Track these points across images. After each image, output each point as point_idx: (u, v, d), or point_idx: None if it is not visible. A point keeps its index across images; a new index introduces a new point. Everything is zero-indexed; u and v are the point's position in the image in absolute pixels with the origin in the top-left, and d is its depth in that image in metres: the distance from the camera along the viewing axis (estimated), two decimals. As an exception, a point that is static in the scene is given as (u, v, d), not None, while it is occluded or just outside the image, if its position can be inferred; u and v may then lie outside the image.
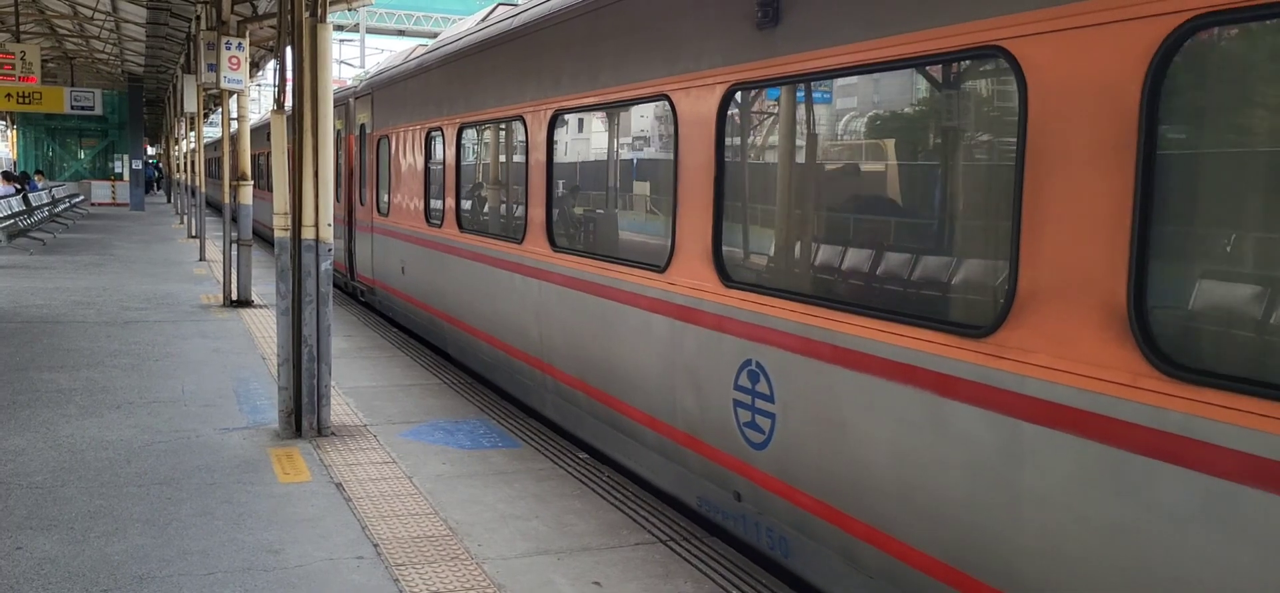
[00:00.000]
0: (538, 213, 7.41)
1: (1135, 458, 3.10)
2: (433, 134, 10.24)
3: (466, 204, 9.49)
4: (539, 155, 7.39)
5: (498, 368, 8.66)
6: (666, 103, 5.68)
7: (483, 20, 9.80)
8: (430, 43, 12.34)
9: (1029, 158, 3.47)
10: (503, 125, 8.53)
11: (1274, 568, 2.74)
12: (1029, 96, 3.46)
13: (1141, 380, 3.07)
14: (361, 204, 13.81)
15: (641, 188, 6.60)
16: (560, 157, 7.39)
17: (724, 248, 5.24)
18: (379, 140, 12.75)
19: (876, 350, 4.15)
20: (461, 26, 11.06)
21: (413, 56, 11.95)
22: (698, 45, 5.38)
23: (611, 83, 6.34)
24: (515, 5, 9.16)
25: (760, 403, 4.95)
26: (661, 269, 5.74)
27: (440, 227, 9.96)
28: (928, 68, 4.11)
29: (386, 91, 12.56)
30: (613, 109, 6.67)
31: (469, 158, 9.52)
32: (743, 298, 5.04)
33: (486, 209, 9.29)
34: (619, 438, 6.48)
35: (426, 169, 10.50)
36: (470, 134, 9.37)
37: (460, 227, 9.41)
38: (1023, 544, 3.50)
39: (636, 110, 6.40)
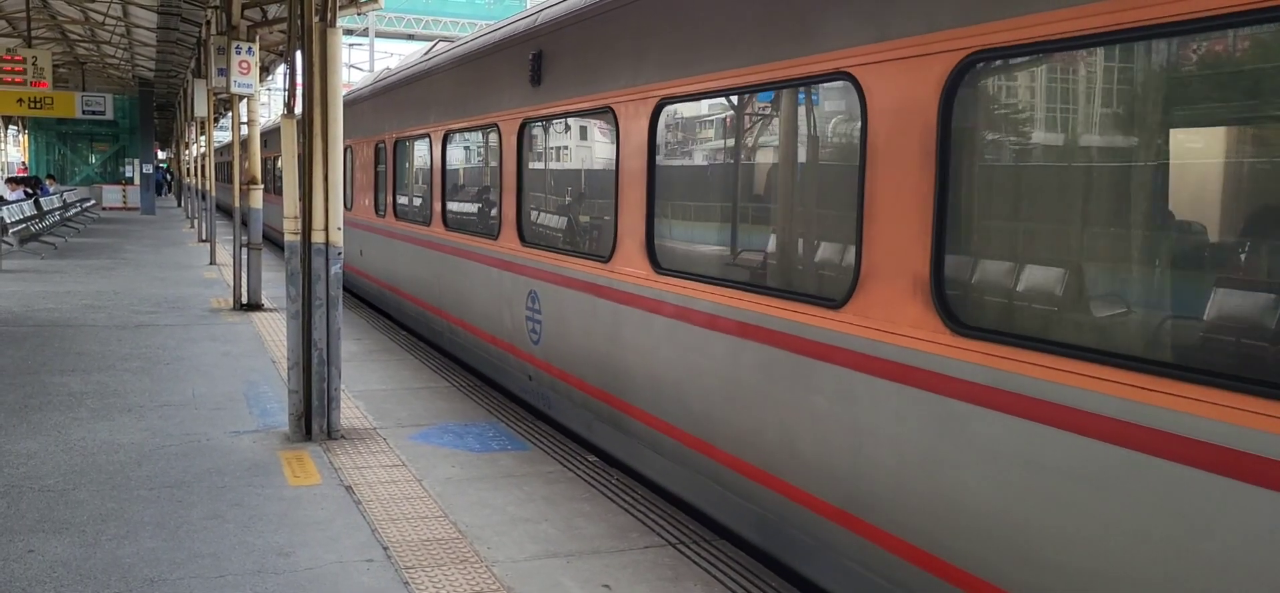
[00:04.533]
0: (437, 205, 10.35)
1: (648, 315, 6.03)
2: (380, 146, 12.95)
3: (400, 199, 12.28)
4: (438, 162, 10.29)
5: (420, 321, 11.45)
6: (496, 129, 8.53)
7: (425, 54, 12.21)
8: (388, 69, 15.07)
9: (621, 168, 6.30)
10: (419, 139, 11.17)
11: (700, 366, 5.49)
12: (620, 135, 6.36)
13: (650, 275, 6.01)
14: None
15: (489, 185, 9.31)
16: (450, 163, 10.36)
17: (522, 222, 8.11)
18: (346, 148, 15.23)
19: (573, 274, 7.08)
20: (407, 59, 13.75)
21: (374, 81, 14.38)
22: (509, 92, 8.22)
23: (474, 113, 9.20)
24: (453, 41, 11.48)
25: (536, 315, 7.76)
26: (495, 238, 8.61)
27: (384, 217, 12.79)
28: (588, 116, 7.14)
29: (351, 109, 14.92)
30: (473, 131, 9.53)
31: (402, 164, 12.29)
32: (530, 252, 7.91)
33: (411, 202, 11.91)
34: (482, 357, 9.31)
35: (376, 172, 13.31)
36: (402, 146, 12.06)
37: (397, 216, 12.19)
38: (624, 368, 6.37)
39: (484, 133, 9.25)
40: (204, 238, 24.66)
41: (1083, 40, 3.32)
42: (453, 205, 10.16)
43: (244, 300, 13.89)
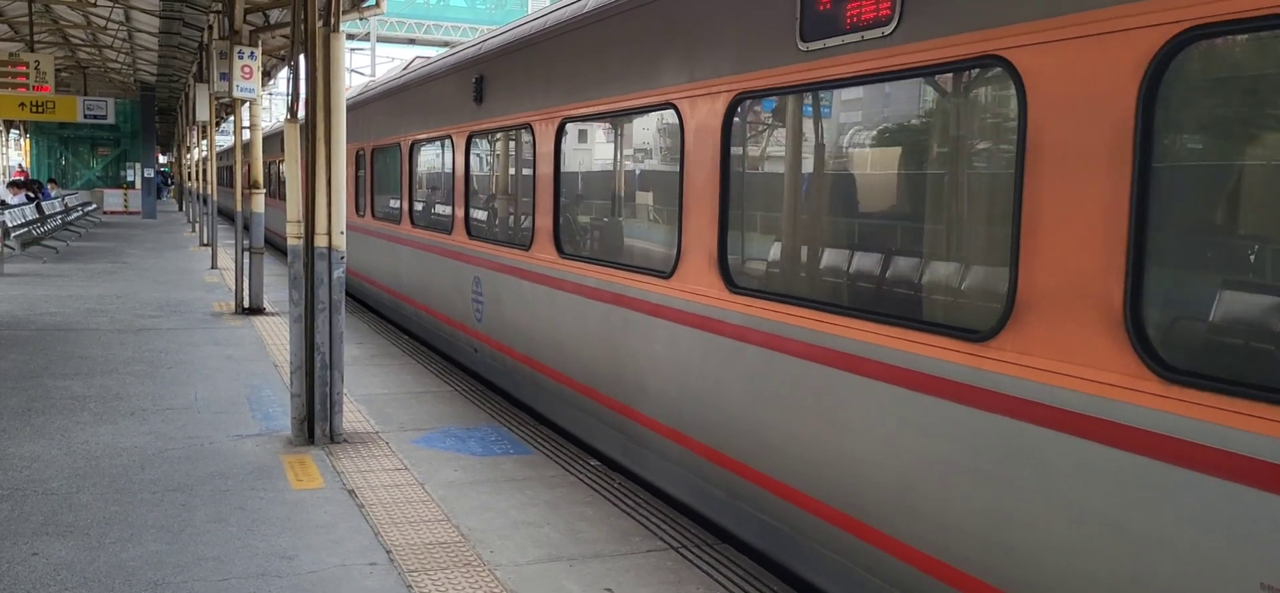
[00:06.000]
0: (406, 205, 11.84)
1: (555, 292, 7.41)
2: (360, 153, 14.33)
3: (377, 200, 13.72)
4: (406, 167, 11.78)
5: (394, 309, 12.95)
6: (450, 140, 10.03)
7: (404, 68, 13.59)
8: (363, 85, 16.23)
9: (537, 172, 7.66)
10: (392, 148, 12.54)
11: (588, 330, 6.89)
12: (536, 146, 7.72)
13: (557, 259, 7.32)
14: None
15: (446, 188, 10.52)
16: (416, 169, 11.75)
17: (469, 219, 9.56)
18: None
19: (505, 261, 8.47)
20: (385, 75, 15.41)
21: (357, 95, 15.76)
22: (460, 109, 9.66)
23: (433, 126, 10.71)
24: (428, 59, 12.64)
25: (479, 298, 9.25)
26: (450, 233, 10.07)
27: (363, 217, 14.26)
28: (515, 130, 8.53)
29: None
30: (434, 142, 10.85)
31: (379, 169, 13.66)
32: (474, 244, 9.37)
33: (385, 203, 13.25)
34: (440, 336, 10.81)
35: (356, 177, 14.75)
36: (379, 153, 13.53)
37: (374, 216, 13.72)
38: (539, 336, 7.79)
39: (442, 143, 10.56)
40: (205, 242, 24.68)
41: (801, 87, 4.78)
42: (417, 205, 11.73)
43: (246, 304, 13.91)
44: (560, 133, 7.38)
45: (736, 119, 5.28)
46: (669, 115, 5.94)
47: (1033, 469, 3.49)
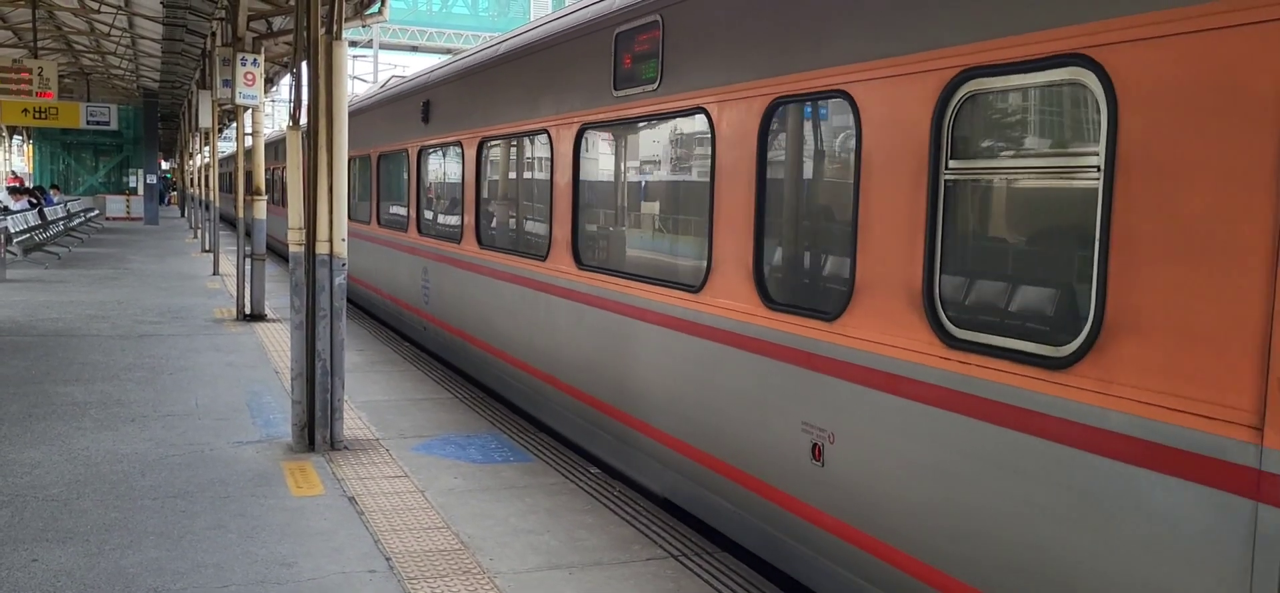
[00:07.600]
0: (374, 208, 13.90)
1: (477, 275, 9.45)
2: None
3: (355, 205, 15.33)
4: (375, 175, 13.89)
5: (366, 300, 14.85)
6: (406, 153, 11.95)
7: (382, 86, 15.33)
8: (353, 95, 17.77)
9: (464, 180, 9.65)
10: (365, 158, 14.49)
11: (498, 304, 8.96)
12: (464, 159, 9.72)
13: (478, 250, 9.41)
14: None
15: (403, 194, 12.39)
16: (385, 177, 13.60)
17: (422, 218, 11.42)
18: None
19: (443, 253, 10.42)
20: (365, 92, 17.23)
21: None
22: (413, 127, 11.62)
23: (395, 140, 12.62)
24: (403, 77, 14.15)
25: (427, 284, 11.19)
26: (406, 232, 12.02)
27: None
28: (456, 146, 10.06)
29: None
30: (398, 153, 12.57)
31: (355, 176, 15.40)
32: (424, 240, 11.24)
33: (360, 207, 14.99)
34: (400, 318, 12.67)
35: None
36: (354, 162, 15.09)
37: (349, 217, 14.08)
38: (466, 312, 9.73)
39: (401, 156, 12.41)
40: (207, 248, 24.70)
41: (614, 122, 6.74)
42: (383, 208, 13.62)
43: (247, 311, 13.92)
44: (480, 149, 9.36)
45: (583, 142, 7.22)
46: (545, 138, 7.78)
47: (719, 372, 5.44)
